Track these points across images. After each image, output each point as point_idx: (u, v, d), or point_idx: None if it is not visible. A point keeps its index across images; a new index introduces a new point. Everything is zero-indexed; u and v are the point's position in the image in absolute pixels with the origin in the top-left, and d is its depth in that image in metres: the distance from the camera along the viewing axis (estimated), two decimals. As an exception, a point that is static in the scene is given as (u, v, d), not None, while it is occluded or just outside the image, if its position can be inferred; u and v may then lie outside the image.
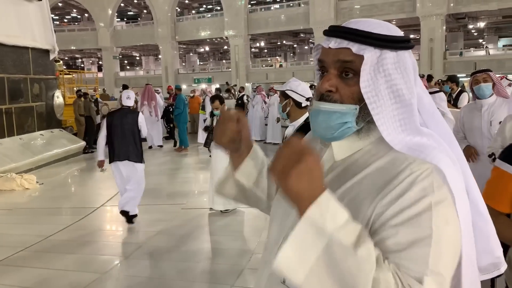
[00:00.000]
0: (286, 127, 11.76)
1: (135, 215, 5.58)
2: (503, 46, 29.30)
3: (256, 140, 12.00)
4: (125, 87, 12.12)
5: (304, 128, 2.94)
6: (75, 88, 17.93)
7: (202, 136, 10.62)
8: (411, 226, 0.82)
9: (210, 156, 5.95)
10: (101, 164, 5.55)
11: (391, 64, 0.92)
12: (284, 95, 2.94)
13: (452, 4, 23.64)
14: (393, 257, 0.80)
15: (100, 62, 39.27)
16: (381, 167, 0.91)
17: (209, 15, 33.33)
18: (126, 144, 5.38)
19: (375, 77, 0.91)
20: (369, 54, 0.90)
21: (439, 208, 0.83)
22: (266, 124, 12.39)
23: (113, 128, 5.38)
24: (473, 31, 31.60)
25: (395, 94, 0.92)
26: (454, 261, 0.86)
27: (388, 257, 0.80)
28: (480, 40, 33.75)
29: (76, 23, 39.31)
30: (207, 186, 6.29)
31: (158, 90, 13.60)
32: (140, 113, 5.73)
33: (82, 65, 43.94)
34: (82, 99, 12.08)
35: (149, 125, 12.75)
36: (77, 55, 42.28)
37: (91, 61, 43.74)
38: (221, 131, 1.09)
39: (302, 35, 32.97)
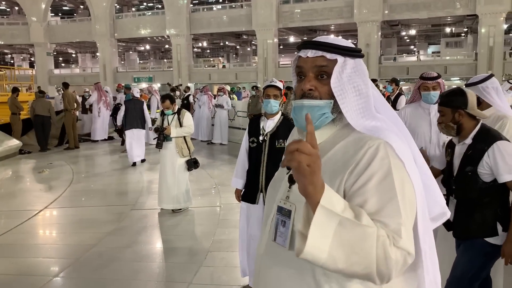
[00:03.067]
0: (235, 127, 11.92)
1: (144, 159, 9.64)
2: (432, 52, 31.27)
3: (202, 141, 12.07)
4: (66, 85, 11.63)
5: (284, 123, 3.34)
6: (6, 86, 16.94)
7: (149, 136, 10.46)
8: (381, 189, 1.10)
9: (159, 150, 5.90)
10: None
11: (350, 68, 1.24)
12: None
13: (386, 11, 24.89)
14: (375, 217, 1.06)
15: (32, 59, 37.15)
16: (345, 145, 1.21)
17: (149, 13, 32.56)
18: (136, 119, 9.23)
19: (340, 77, 1.23)
20: (339, 60, 1.24)
21: (396, 171, 1.12)
22: (212, 125, 12.41)
23: (129, 110, 9.23)
24: (405, 37, 33.46)
25: (356, 89, 1.23)
26: (413, 213, 1.14)
27: (371, 218, 1.05)
28: (412, 47, 35.79)
29: (5, 16, 36.90)
30: (156, 187, 6.22)
31: (106, 89, 13.68)
32: (144, 102, 9.80)
33: (12, 61, 41.31)
34: (35, 96, 11.60)
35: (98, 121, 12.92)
36: (6, 50, 39.70)
37: (22, 57, 41.25)
38: None
39: (244, 36, 33.19)
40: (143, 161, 9.64)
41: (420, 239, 1.18)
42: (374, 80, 10.06)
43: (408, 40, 34.67)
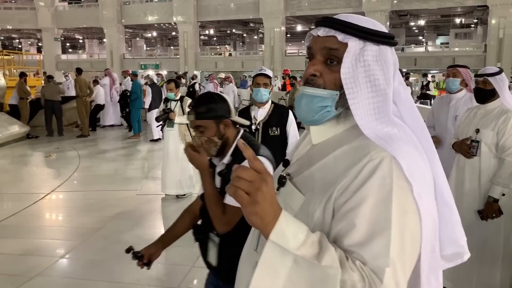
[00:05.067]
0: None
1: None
2: (441, 43, 31.01)
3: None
4: (79, 70, 11.61)
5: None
6: (14, 70, 17.07)
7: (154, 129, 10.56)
8: (374, 216, 0.87)
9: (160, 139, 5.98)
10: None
11: (372, 57, 0.99)
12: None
13: (395, 1, 24.66)
14: (357, 249, 0.86)
15: (40, 44, 37.25)
16: (345, 152, 0.98)
17: (157, 0, 32.53)
18: (157, 100, 9.92)
19: (355, 66, 0.98)
20: (353, 43, 0.98)
21: (397, 196, 0.88)
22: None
23: (153, 93, 10.51)
24: (414, 28, 33.17)
25: (372, 84, 0.98)
26: (414, 251, 0.91)
27: (352, 250, 0.86)
28: (420, 37, 35.49)
29: (13, 1, 36.94)
30: (160, 173, 6.33)
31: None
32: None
33: (20, 46, 41.42)
34: (44, 81, 11.68)
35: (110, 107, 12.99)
36: (14, 35, 39.82)
37: (29, 42, 41.34)
38: None
39: (251, 24, 33.04)
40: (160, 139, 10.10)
41: (422, 281, 0.96)
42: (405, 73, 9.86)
43: (416, 31, 34.36)
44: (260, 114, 3.34)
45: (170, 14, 29.54)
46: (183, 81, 14.38)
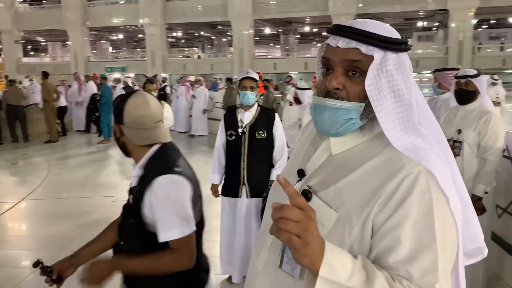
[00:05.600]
0: (213, 119, 11.90)
1: None
2: (404, 46, 31.89)
3: (180, 132, 12.06)
4: (45, 74, 11.15)
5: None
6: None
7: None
8: (418, 232, 0.87)
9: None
10: None
11: (393, 66, 0.97)
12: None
13: (361, 5, 25.20)
14: (404, 266, 0.86)
15: (0, 46, 35.91)
16: (377, 166, 0.96)
17: (122, 1, 31.92)
18: None
19: (378, 77, 0.96)
20: (377, 55, 0.96)
21: (437, 210, 0.89)
22: (190, 116, 12.35)
23: None
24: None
25: (396, 94, 0.97)
26: (453, 258, 0.94)
27: (398, 267, 0.86)
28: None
29: (-30, 2, 35.45)
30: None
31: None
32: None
33: (-23, 49, 39.83)
34: (6, 85, 11.24)
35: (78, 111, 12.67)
36: (-30, 37, 38.22)
37: (-12, 45, 39.81)
38: None
39: (220, 27, 32.98)
40: None
41: (460, 282, 1.01)
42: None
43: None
44: (247, 117, 3.34)
45: (136, 16, 29.10)
46: (154, 85, 14.17)
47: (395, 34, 1.00)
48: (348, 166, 0.99)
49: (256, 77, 3.36)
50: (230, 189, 3.43)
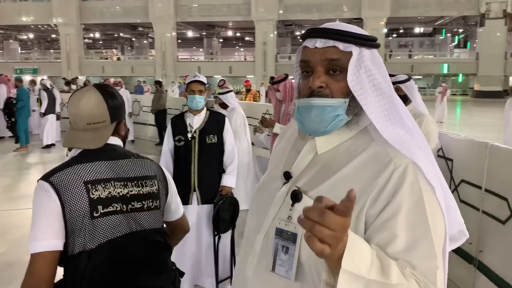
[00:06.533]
0: (140, 123, 11.48)
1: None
2: (322, 52, 33.34)
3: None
4: None
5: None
6: None
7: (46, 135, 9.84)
8: (412, 222, 0.90)
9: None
10: None
11: (369, 61, 1.01)
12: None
13: (281, 11, 25.96)
14: (403, 256, 0.88)
15: None
16: (365, 161, 0.98)
17: (33, -1, 29.92)
18: (53, 106, 9.84)
19: (358, 73, 0.99)
20: (355, 51, 1.00)
21: (427, 199, 0.93)
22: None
23: (49, 98, 9.87)
24: (298, 37, 35.20)
25: (376, 88, 1.01)
26: (441, 244, 0.97)
27: (398, 257, 0.88)
28: (304, 46, 37.68)
29: None
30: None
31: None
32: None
33: None
34: None
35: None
36: None
37: None
38: None
39: (140, 28, 32.13)
40: (53, 145, 10.02)
41: (445, 268, 1.04)
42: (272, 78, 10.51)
43: (301, 40, 36.36)
44: (196, 121, 3.24)
45: (49, 15, 27.43)
46: (74, 87, 13.46)
47: (365, 32, 1.04)
48: (336, 163, 1.00)
49: (205, 80, 3.32)
50: (179, 196, 3.34)
